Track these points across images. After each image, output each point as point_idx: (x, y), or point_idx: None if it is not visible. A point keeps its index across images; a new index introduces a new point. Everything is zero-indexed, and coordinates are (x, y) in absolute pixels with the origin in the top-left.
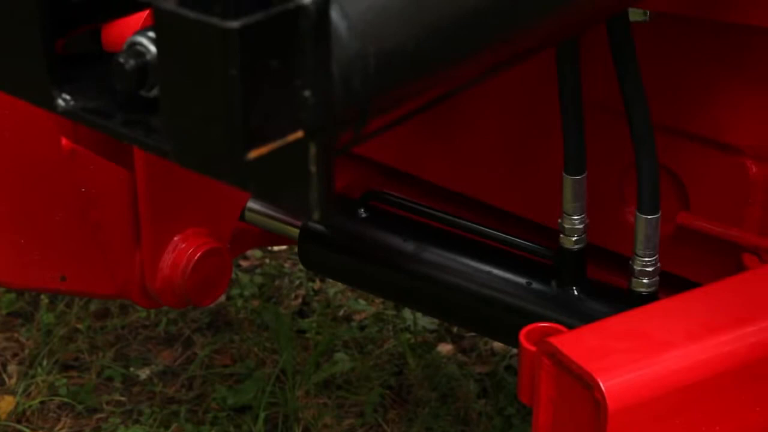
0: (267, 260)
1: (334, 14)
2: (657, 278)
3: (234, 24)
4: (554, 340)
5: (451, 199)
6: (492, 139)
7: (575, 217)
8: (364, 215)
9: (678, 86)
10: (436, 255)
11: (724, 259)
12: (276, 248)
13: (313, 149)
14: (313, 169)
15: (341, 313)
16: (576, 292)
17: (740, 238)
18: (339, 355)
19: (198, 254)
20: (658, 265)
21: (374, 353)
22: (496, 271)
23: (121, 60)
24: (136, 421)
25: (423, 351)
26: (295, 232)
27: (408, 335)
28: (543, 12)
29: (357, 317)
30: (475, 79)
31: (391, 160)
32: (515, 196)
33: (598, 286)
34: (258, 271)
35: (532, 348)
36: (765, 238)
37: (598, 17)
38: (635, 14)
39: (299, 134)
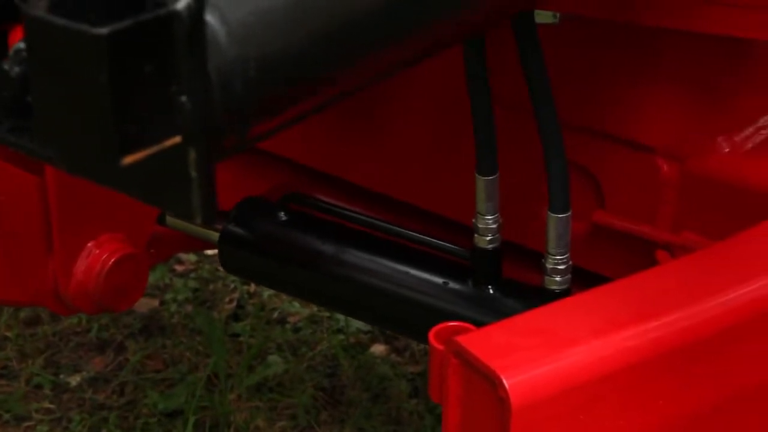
0: (202, 264)
1: (213, 20)
2: (569, 276)
3: (103, 30)
4: (461, 339)
5: (377, 201)
6: (414, 139)
7: (488, 217)
8: (284, 218)
9: (591, 87)
10: (355, 257)
11: (640, 256)
12: (211, 252)
13: (192, 154)
14: (193, 173)
15: (275, 315)
16: (491, 291)
17: (653, 235)
18: (272, 358)
19: (112, 260)
20: (570, 263)
21: (307, 355)
22: (414, 272)
23: (6, 67)
24: (65, 429)
25: (356, 352)
26: (216, 235)
27: (341, 336)
28: (430, 15)
29: (291, 319)
30: (372, 79)
31: (317, 162)
32: (439, 196)
33: (513, 284)
34: (192, 275)
35: (440, 347)
36: (677, 234)
37: (496, 18)
38: (544, 17)
39: (177, 139)
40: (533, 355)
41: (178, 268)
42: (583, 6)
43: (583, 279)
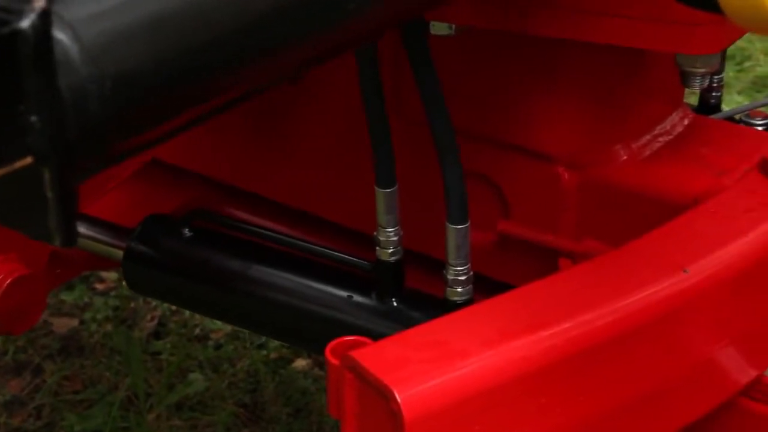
0: (123, 282)
1: (64, 37)
2: (470, 286)
3: None
4: (355, 353)
5: (290, 215)
6: (320, 152)
7: (389, 230)
8: (188, 234)
9: (492, 97)
10: (258, 272)
11: (545, 265)
12: None
13: (47, 174)
14: (49, 194)
15: (197, 332)
16: (395, 303)
17: (556, 243)
18: (193, 376)
19: (6, 282)
20: (471, 273)
21: (229, 372)
22: (318, 286)
23: None
24: None
25: (278, 367)
26: (120, 253)
27: (264, 352)
28: (305, 27)
29: (214, 336)
30: (248, 91)
31: (228, 177)
32: (347, 209)
33: (417, 295)
34: (113, 293)
35: (336, 362)
36: (579, 243)
37: (380, 28)
38: (439, 28)
39: (28, 160)
40: (426, 367)
41: (99, 286)
42: (479, 18)
43: (491, 289)
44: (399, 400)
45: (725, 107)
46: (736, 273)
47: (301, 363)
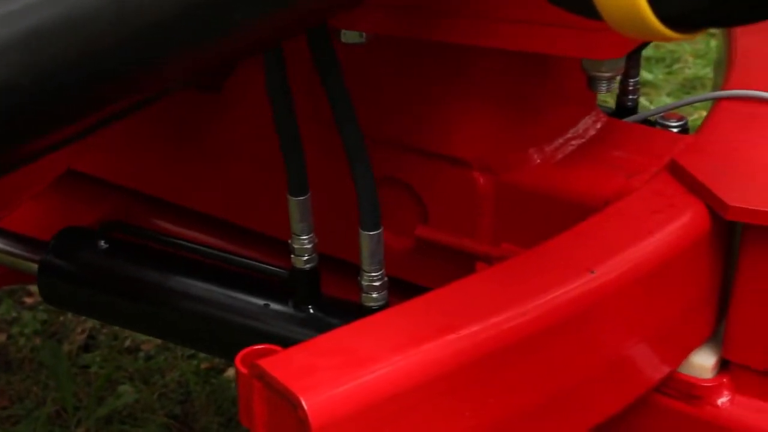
0: None
1: None
2: (386, 292)
3: None
4: (263, 362)
5: (213, 226)
6: (240, 160)
7: (303, 237)
8: (104, 247)
9: (408, 103)
10: (177, 283)
11: (463, 269)
12: None
13: None
14: None
15: (128, 344)
16: (312, 311)
17: (474, 248)
18: (123, 388)
19: None
20: (386, 279)
21: (159, 383)
22: (236, 295)
23: None
24: None
25: (209, 377)
26: (35, 267)
27: (195, 362)
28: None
29: (144, 347)
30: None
31: (148, 187)
32: (269, 218)
33: (334, 302)
34: (41, 307)
35: (245, 370)
36: (496, 246)
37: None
38: (350, 36)
39: None
40: (333, 374)
41: (27, 300)
42: (389, 26)
43: (412, 294)
44: (306, 407)
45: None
46: (643, 273)
47: (232, 372)
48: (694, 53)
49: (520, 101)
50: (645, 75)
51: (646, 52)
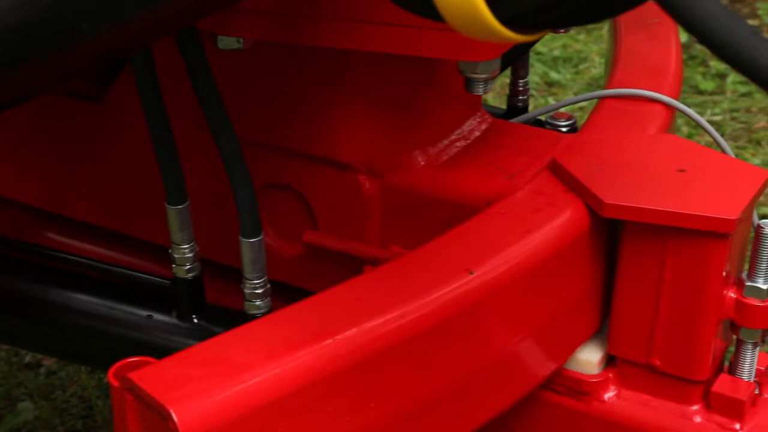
0: None
1: None
2: (269, 299)
3: None
4: (133, 375)
5: (100, 237)
6: (122, 170)
7: (184, 247)
8: None
9: (291, 108)
10: (58, 296)
11: (353, 274)
12: None
13: None
14: None
15: (27, 360)
16: (196, 320)
17: (362, 252)
18: (22, 405)
19: None
20: (269, 286)
21: (60, 398)
22: (119, 307)
23: None
24: None
25: None
26: None
27: (97, 376)
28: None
29: (45, 363)
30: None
31: (32, 199)
32: (156, 227)
33: (218, 311)
34: None
35: (116, 383)
36: (384, 250)
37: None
38: (228, 42)
39: None
40: (206, 384)
41: None
42: (266, 31)
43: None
44: (176, 419)
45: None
46: (523, 271)
47: None
48: (601, 53)
49: (403, 104)
50: (553, 75)
51: (554, 52)
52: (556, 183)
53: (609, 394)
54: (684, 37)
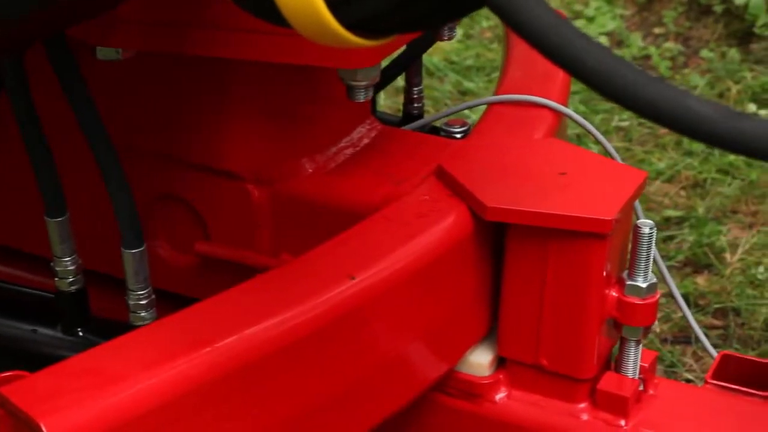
0: None
1: None
2: (154, 309)
3: None
4: (5, 389)
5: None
6: (3, 182)
7: (66, 259)
8: None
9: (179, 119)
10: None
11: None
12: None
13: None
14: None
15: None
16: (81, 333)
17: (254, 261)
18: None
19: None
20: (153, 296)
21: None
22: (2, 321)
23: None
24: None
25: None
26: None
27: None
28: None
29: None
30: None
31: None
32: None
33: (103, 323)
34: None
35: None
36: (276, 258)
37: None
38: (107, 53)
39: None
40: (77, 397)
41: None
42: (143, 42)
43: None
44: None
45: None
46: (407, 275)
47: None
48: None
49: (289, 112)
50: (466, 84)
51: (467, 61)
52: (442, 188)
53: (500, 395)
54: None
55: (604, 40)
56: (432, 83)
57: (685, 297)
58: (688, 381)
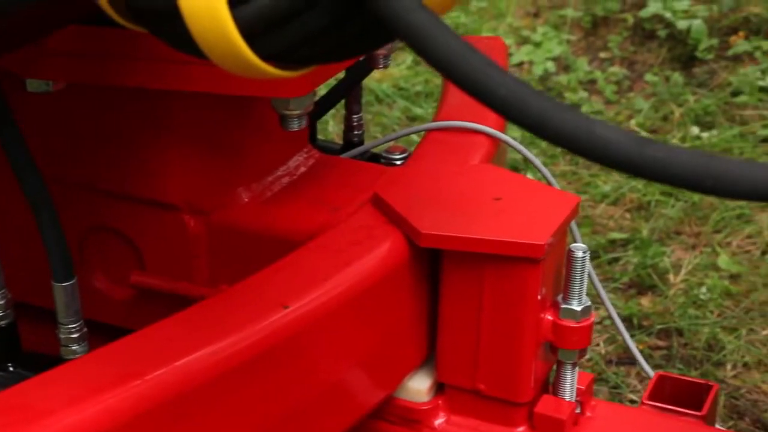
0: None
1: None
2: (86, 342)
3: None
4: None
5: None
6: None
7: None
8: None
9: (112, 150)
10: None
11: None
12: None
13: None
14: None
15: None
16: (12, 368)
17: (191, 291)
18: None
19: None
20: (85, 329)
21: None
22: None
23: None
24: None
25: None
26: None
27: None
28: None
29: None
30: None
31: None
32: None
33: (35, 358)
34: None
35: None
36: (212, 288)
37: None
38: (37, 85)
39: None
40: None
41: None
42: (70, 73)
43: None
44: None
45: None
46: (340, 303)
47: None
48: None
49: (224, 142)
50: (415, 110)
51: (416, 87)
52: (378, 215)
53: (439, 421)
54: (539, 70)
55: (551, 65)
56: (381, 110)
57: (629, 318)
58: (632, 402)
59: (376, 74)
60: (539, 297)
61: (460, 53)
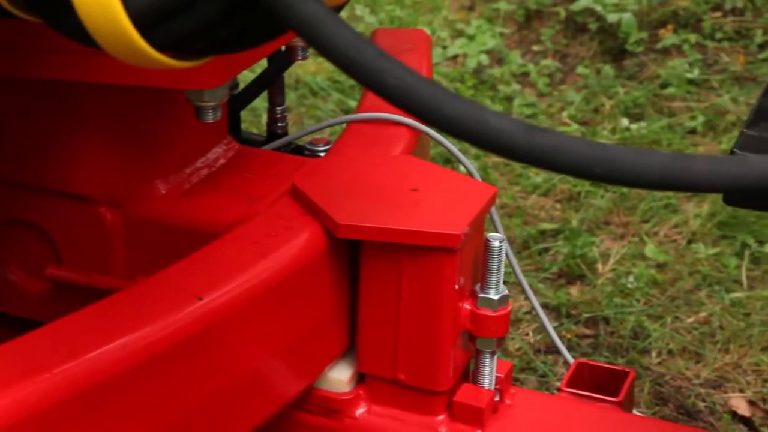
0: None
1: None
2: None
3: None
4: None
5: None
6: None
7: None
8: None
9: (27, 142)
10: None
11: None
12: None
13: None
14: None
15: None
16: None
17: (108, 284)
18: None
19: None
20: None
21: None
22: None
23: None
24: None
25: None
26: None
27: None
28: None
29: None
30: None
31: None
32: None
33: None
34: None
35: None
36: (130, 281)
37: None
38: None
39: None
40: None
41: None
42: None
43: None
44: None
45: None
46: (257, 295)
47: None
48: None
49: (140, 134)
50: (350, 102)
51: (351, 80)
52: (296, 207)
53: (360, 411)
54: (473, 62)
55: (484, 58)
56: (315, 102)
57: (558, 308)
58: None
59: (311, 67)
60: (457, 287)
61: (350, 44)
